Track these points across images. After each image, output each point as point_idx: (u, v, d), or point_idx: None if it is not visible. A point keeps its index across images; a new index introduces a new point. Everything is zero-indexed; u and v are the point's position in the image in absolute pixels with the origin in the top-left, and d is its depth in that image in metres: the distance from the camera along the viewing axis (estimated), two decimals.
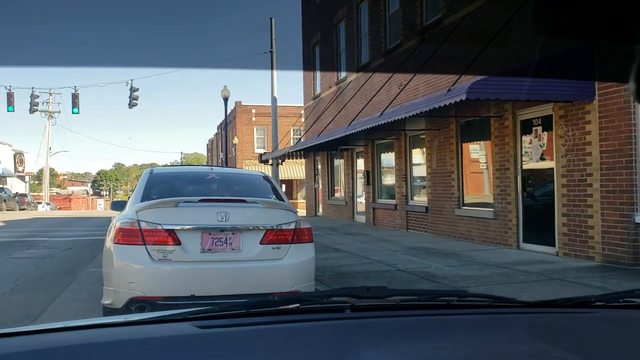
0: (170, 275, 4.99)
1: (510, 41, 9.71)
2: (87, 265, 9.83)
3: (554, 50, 8.66)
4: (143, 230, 4.92)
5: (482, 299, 2.02)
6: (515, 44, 9.68)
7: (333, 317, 1.65)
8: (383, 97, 14.76)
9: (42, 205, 49.59)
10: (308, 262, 5.42)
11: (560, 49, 8.53)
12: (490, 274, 7.94)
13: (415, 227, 14.52)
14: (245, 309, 1.60)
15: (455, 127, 12.34)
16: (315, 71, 23.36)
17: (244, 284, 5.08)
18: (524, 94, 8.69)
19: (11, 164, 54.68)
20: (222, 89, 28.45)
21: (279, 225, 5.27)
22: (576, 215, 8.89)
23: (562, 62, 8.45)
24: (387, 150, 16.47)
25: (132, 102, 31.05)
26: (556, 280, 7.28)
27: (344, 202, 19.99)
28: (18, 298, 7.08)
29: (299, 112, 35.40)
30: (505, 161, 10.56)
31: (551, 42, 8.72)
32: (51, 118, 54.49)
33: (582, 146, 8.72)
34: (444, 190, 12.91)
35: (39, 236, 15.60)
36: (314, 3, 23.07)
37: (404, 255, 10.04)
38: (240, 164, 41.68)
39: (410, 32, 14.03)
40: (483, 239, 11.39)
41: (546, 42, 8.71)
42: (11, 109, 33.47)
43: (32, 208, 45.37)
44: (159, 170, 6.49)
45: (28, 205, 44.54)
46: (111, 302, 4.98)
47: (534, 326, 1.70)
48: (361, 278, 7.88)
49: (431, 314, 1.76)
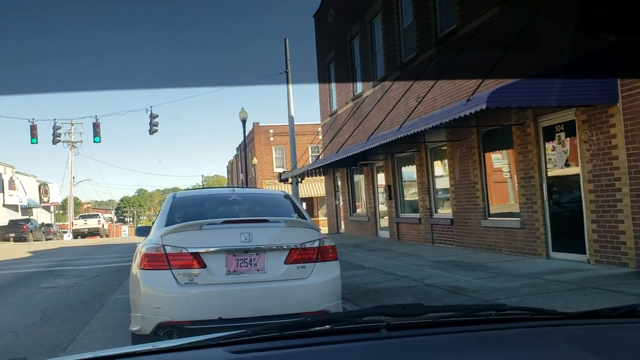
0: (197, 299, 4.96)
1: (529, 47, 9.63)
2: (114, 292, 9.88)
3: (574, 53, 8.56)
4: (168, 255, 4.92)
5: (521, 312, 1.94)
6: (534, 50, 9.60)
7: (368, 337, 1.60)
8: (401, 110, 14.72)
9: (67, 235, 50.29)
10: (334, 281, 5.35)
11: (580, 52, 8.43)
12: (520, 285, 7.76)
13: (440, 240, 14.33)
14: (279, 332, 1.56)
15: (476, 137, 12.22)
16: (330, 88, 23.47)
17: (271, 305, 5.03)
18: (545, 100, 8.58)
19: (36, 195, 55.73)
20: (240, 111, 28.71)
21: (302, 244, 5.22)
22: (606, 221, 8.68)
23: (583, 64, 8.33)
24: (408, 164, 16.37)
25: (152, 128, 31.46)
26: (590, 289, 7.08)
27: (367, 217, 19.88)
28: (48, 327, 7.12)
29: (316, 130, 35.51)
30: (530, 169, 10.40)
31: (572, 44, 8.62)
32: (73, 148, 55.54)
33: (608, 150, 8.54)
34: (468, 202, 12.75)
35: (65, 265, 15.76)
36: (326, 21, 23.25)
37: (431, 270, 9.89)
38: (260, 184, 41.88)
39: (425, 44, 14.01)
40: (511, 250, 11.19)
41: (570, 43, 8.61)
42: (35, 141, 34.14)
43: (58, 237, 46.03)
44: (181, 194, 6.51)
45: (54, 235, 45.21)
46: (139, 328, 4.96)
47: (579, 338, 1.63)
48: (389, 295, 7.77)
49: (470, 330, 1.70)
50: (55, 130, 37.26)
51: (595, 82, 8.46)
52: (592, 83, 8.48)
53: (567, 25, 8.81)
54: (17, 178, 49.21)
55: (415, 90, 14.04)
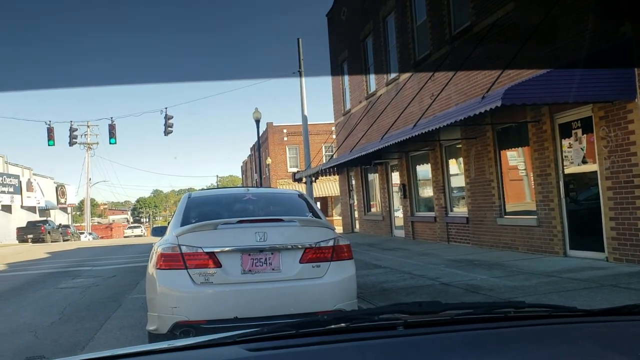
0: (213, 298, 4.98)
1: (544, 43, 9.52)
2: (131, 292, 9.95)
3: (591, 48, 8.45)
4: (184, 254, 4.94)
5: (540, 309, 1.91)
6: (550, 45, 9.49)
7: (385, 335, 1.58)
8: (415, 108, 14.65)
9: (84, 235, 50.87)
10: (349, 280, 5.33)
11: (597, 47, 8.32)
12: (538, 283, 7.68)
13: (456, 239, 14.24)
14: (295, 330, 1.55)
15: (492, 135, 12.12)
16: (344, 87, 23.44)
17: (286, 304, 5.03)
18: (562, 96, 8.48)
19: (54, 197, 56.42)
20: (254, 112, 28.78)
21: (317, 243, 5.21)
22: (625, 218, 8.55)
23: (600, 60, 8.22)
24: (423, 162, 16.29)
25: (167, 129, 31.70)
26: (609, 287, 6.98)
27: (381, 216, 19.82)
28: (66, 327, 7.19)
29: (329, 129, 35.49)
30: (546, 166, 10.28)
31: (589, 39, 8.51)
32: (90, 149, 56.13)
33: (626, 147, 8.41)
34: (484, 200, 12.65)
35: (83, 266, 15.93)
36: (339, 21, 23.22)
37: (447, 269, 9.82)
38: (275, 183, 41.96)
39: (440, 41, 13.93)
40: (528, 248, 11.08)
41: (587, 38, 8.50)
42: (52, 143, 34.60)
43: (75, 238, 46.56)
44: (197, 194, 6.54)
45: (71, 235, 45.75)
46: (156, 327, 4.99)
47: (601, 336, 1.60)
48: (404, 294, 7.74)
49: (488, 327, 1.67)
50: (72, 132, 37.70)
51: (613, 78, 8.33)
52: (610, 79, 8.36)
53: (584, 20, 8.70)
54: (35, 180, 49.85)
55: (429, 88, 13.96)
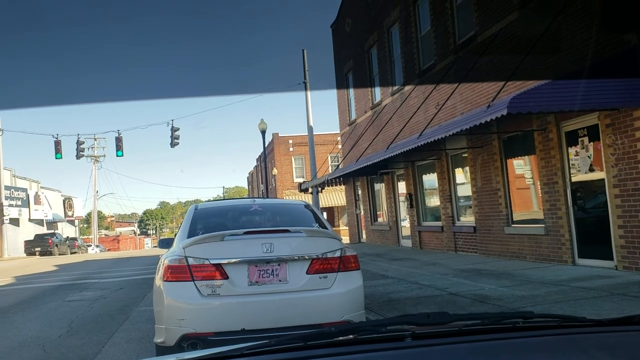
0: (220, 310, 4.96)
1: (549, 51, 9.52)
2: (138, 304, 9.95)
3: (596, 56, 8.44)
4: (191, 266, 4.93)
5: (549, 319, 1.90)
6: (554, 54, 9.49)
7: (393, 346, 1.57)
8: (420, 117, 14.66)
9: (91, 248, 50.99)
10: (356, 290, 5.31)
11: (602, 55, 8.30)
12: (546, 292, 7.62)
13: (463, 248, 14.18)
14: (303, 342, 1.54)
15: (498, 144, 12.10)
16: (349, 97, 23.49)
17: (293, 315, 5.00)
18: (568, 104, 8.45)
19: (61, 209, 56.64)
20: (259, 123, 28.86)
21: (324, 253, 5.20)
22: (634, 226, 8.49)
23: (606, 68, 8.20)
24: (429, 171, 16.26)
25: (174, 141, 31.84)
26: (618, 296, 6.92)
27: (388, 226, 19.77)
28: (74, 340, 7.19)
29: (335, 139, 35.52)
30: (553, 175, 10.24)
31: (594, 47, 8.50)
32: (97, 162, 56.39)
33: (633, 154, 8.37)
34: (491, 209, 12.60)
35: (90, 278, 15.95)
36: (344, 32, 23.33)
37: (454, 278, 9.77)
38: (281, 194, 41.96)
39: (444, 51, 13.96)
40: (536, 257, 11.01)
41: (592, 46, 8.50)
42: (59, 156, 34.79)
43: (83, 251, 46.67)
44: (203, 205, 6.54)
45: (79, 248, 45.86)
46: (163, 340, 4.98)
47: (612, 346, 1.58)
48: (412, 304, 7.70)
49: (497, 338, 1.66)
50: (79, 145, 37.92)
51: (619, 86, 8.30)
52: (616, 86, 8.33)
53: (589, 28, 8.70)
54: (42, 193, 50.08)
55: (434, 98, 13.97)
